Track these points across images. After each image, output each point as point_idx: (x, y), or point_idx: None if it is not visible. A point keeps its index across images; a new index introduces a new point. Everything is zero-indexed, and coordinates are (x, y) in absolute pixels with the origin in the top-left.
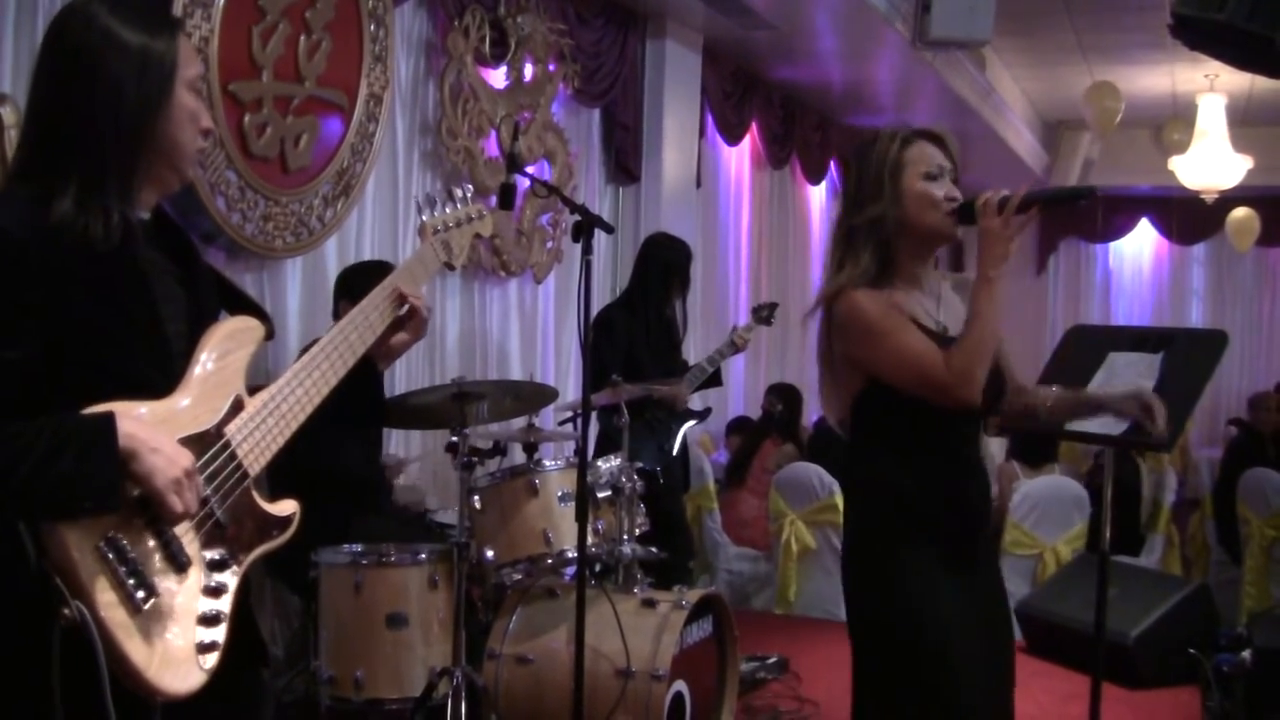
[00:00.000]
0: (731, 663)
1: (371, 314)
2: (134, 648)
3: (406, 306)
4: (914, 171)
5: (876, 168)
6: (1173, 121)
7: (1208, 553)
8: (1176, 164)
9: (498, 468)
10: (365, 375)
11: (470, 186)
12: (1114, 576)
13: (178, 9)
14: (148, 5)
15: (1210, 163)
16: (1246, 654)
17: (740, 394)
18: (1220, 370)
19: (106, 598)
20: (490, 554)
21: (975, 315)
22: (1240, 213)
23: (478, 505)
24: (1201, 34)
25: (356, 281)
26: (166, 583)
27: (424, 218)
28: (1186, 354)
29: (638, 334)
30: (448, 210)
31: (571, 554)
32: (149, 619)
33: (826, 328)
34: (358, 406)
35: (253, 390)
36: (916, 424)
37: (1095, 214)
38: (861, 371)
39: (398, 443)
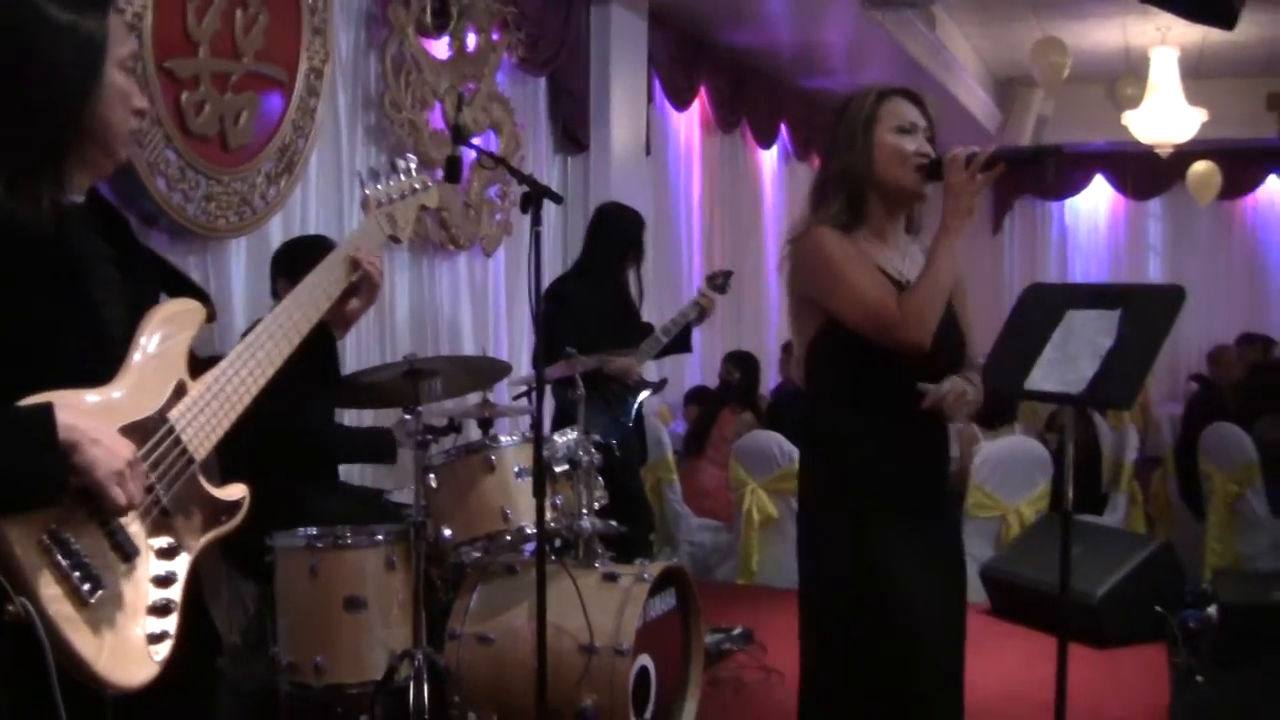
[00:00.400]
0: (696, 635)
1: (326, 281)
2: (82, 641)
3: (360, 272)
4: (886, 125)
5: (851, 120)
6: (1126, 76)
7: (1171, 510)
8: (1130, 119)
9: (453, 445)
10: (321, 342)
11: (414, 158)
12: (1078, 536)
13: None
14: None
15: (1164, 117)
16: (1212, 610)
17: (697, 363)
18: (1179, 326)
19: (51, 592)
20: (448, 533)
21: (931, 259)
22: (1201, 166)
23: (433, 484)
24: None
25: (294, 258)
26: (114, 574)
27: (367, 191)
28: (1144, 310)
29: (591, 306)
30: (391, 183)
31: (530, 530)
32: (97, 612)
33: (792, 269)
34: (313, 371)
35: (210, 362)
36: (872, 373)
37: (1047, 173)
38: (818, 312)
39: (349, 422)
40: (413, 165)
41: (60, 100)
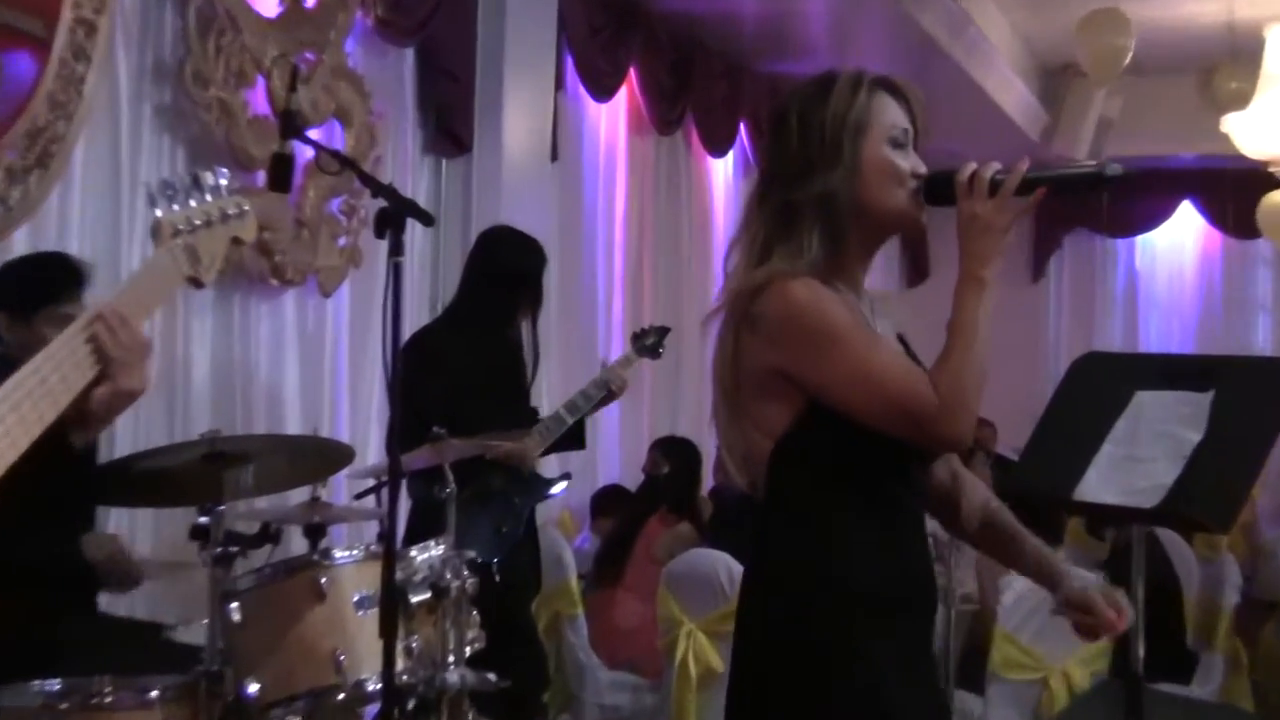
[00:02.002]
0: None
1: (61, 360)
2: None
3: (91, 334)
4: (879, 133)
5: (834, 122)
6: (1227, 65)
7: None
8: (1232, 124)
9: (267, 561)
10: (55, 453)
11: (225, 173)
12: (1152, 712)
13: None
14: None
15: None
16: None
17: (614, 453)
18: None
19: None
20: (254, 688)
21: (963, 326)
22: None
23: (237, 617)
24: None
25: (14, 284)
26: None
27: (159, 213)
28: (1247, 392)
29: (468, 367)
30: (193, 203)
31: (374, 685)
32: None
33: (736, 335)
34: (45, 492)
35: None
36: (865, 476)
37: (1111, 198)
38: (796, 395)
39: (119, 525)
40: (224, 183)
41: None
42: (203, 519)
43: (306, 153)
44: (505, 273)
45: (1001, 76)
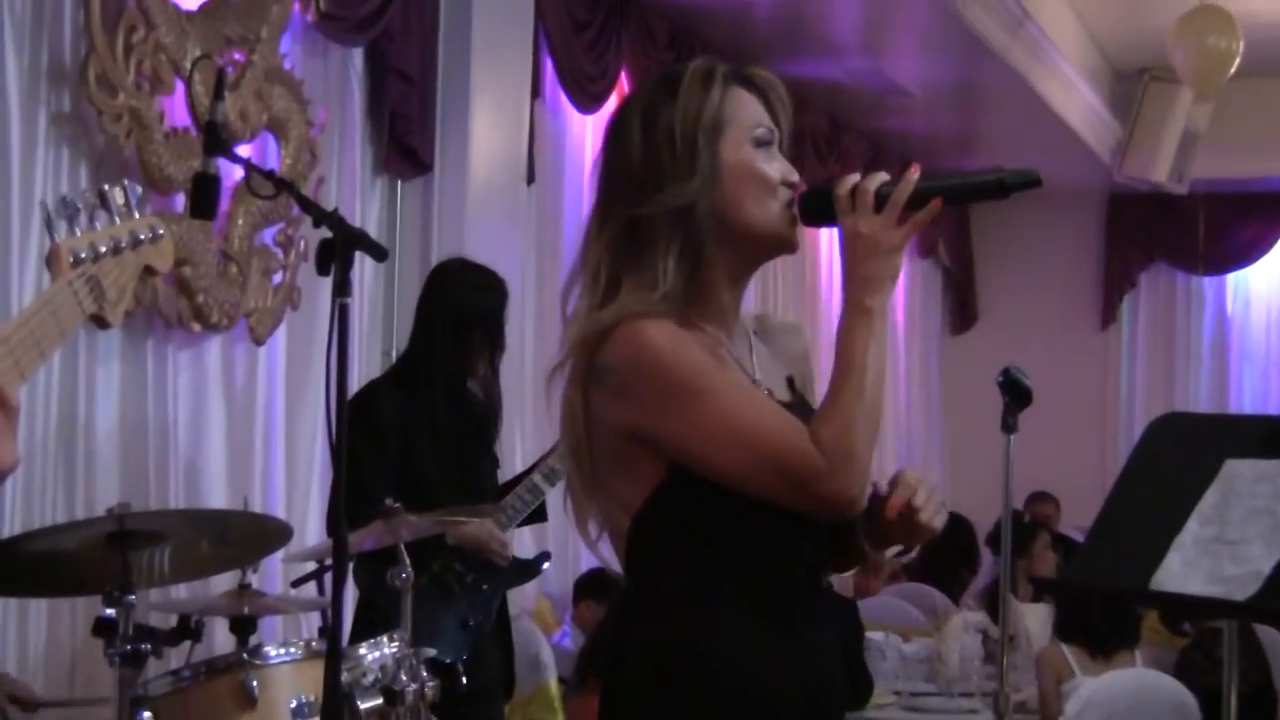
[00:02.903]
0: None
1: None
2: None
3: None
4: (739, 134)
5: (685, 122)
6: None
7: None
8: None
9: (186, 662)
10: None
11: (136, 187)
12: None
13: None
14: None
15: None
16: None
17: None
18: None
19: None
20: None
21: (850, 365)
22: None
23: None
24: None
25: None
26: None
27: (56, 238)
28: None
29: (423, 428)
30: (98, 225)
31: None
32: None
33: (583, 391)
34: None
35: None
36: (740, 551)
37: (1198, 227)
38: (655, 459)
39: (4, 617)
40: (134, 198)
41: None
42: (108, 611)
43: (234, 172)
44: (458, 314)
45: (1065, 81)
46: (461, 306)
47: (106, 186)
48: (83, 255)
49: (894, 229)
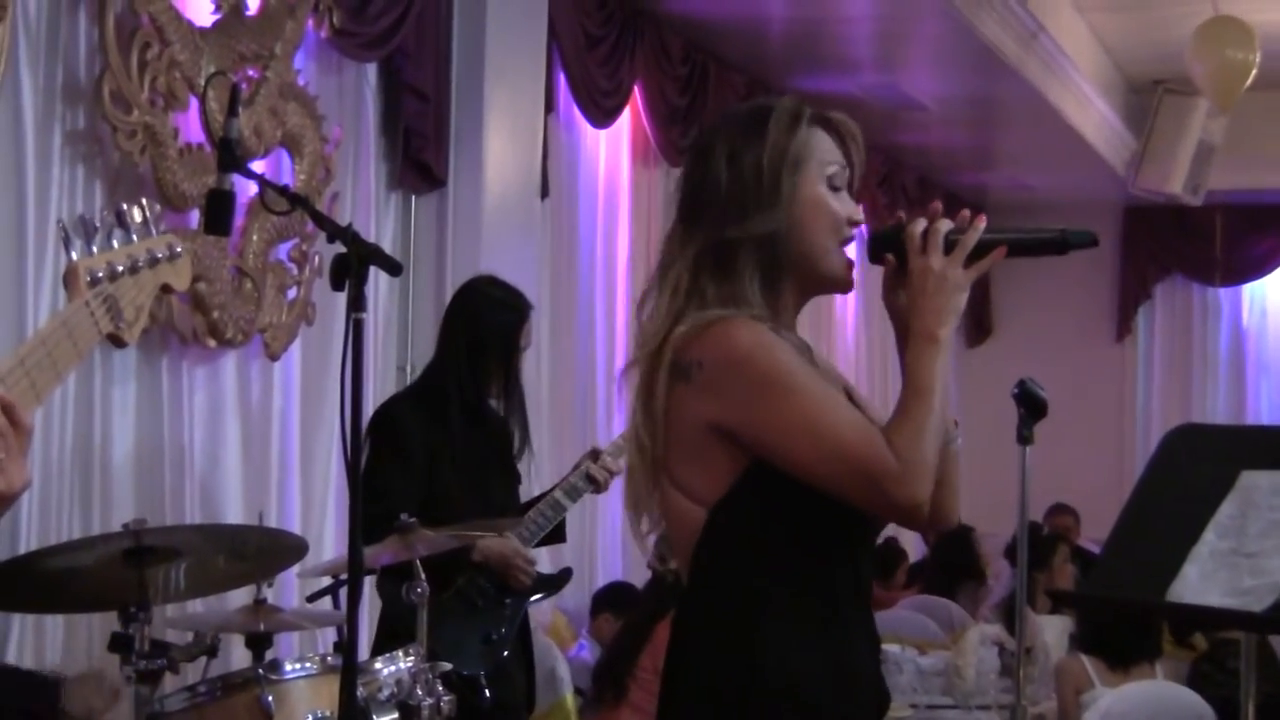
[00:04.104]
0: None
1: None
2: None
3: None
4: (816, 170)
5: (773, 156)
6: None
7: None
8: None
9: (202, 677)
10: None
11: (156, 206)
12: None
13: None
14: None
15: None
16: None
17: (615, 545)
18: None
19: None
20: None
21: (922, 388)
22: None
23: None
24: None
25: None
26: None
27: (73, 256)
28: None
29: (444, 444)
30: (114, 244)
31: None
32: None
33: (666, 387)
34: None
35: None
36: (810, 553)
37: (1214, 239)
38: (737, 454)
39: (22, 634)
40: (151, 217)
41: None
42: (125, 627)
43: (249, 188)
44: (483, 332)
45: (1080, 94)
46: (478, 323)
47: (125, 205)
48: (99, 275)
49: (961, 269)
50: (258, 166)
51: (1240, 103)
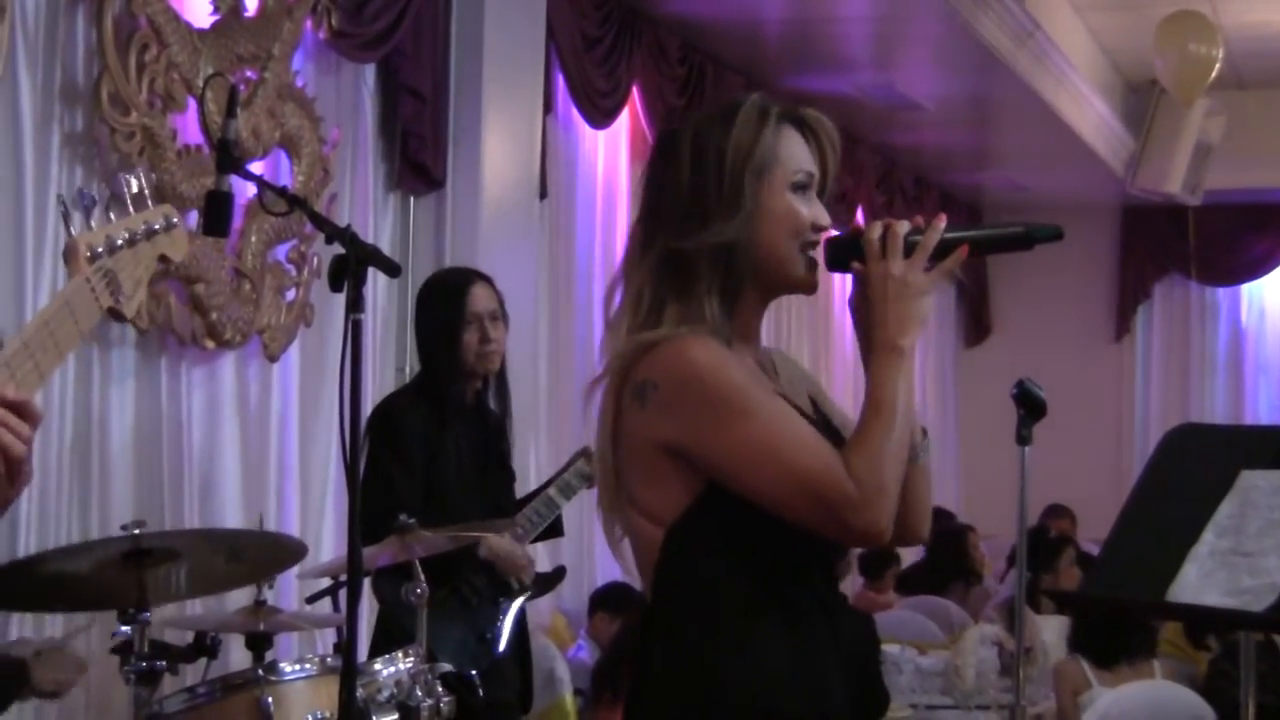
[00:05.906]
0: None
1: None
2: None
3: None
4: (782, 176)
5: (736, 158)
6: None
7: None
8: None
9: (202, 679)
10: None
11: (154, 175)
12: None
13: None
14: None
15: None
16: None
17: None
18: None
19: None
20: None
21: (882, 403)
22: None
23: None
24: None
25: None
26: None
27: (73, 231)
28: None
29: (443, 443)
30: (113, 218)
31: None
32: None
33: (619, 405)
34: None
35: None
36: (772, 570)
37: (1213, 238)
38: (691, 475)
39: (22, 635)
40: (146, 188)
41: None
42: (124, 628)
43: (247, 190)
44: (431, 324)
45: (1077, 94)
46: (429, 306)
47: (121, 175)
48: (99, 250)
49: (923, 273)
50: (256, 168)
51: (1239, 103)
